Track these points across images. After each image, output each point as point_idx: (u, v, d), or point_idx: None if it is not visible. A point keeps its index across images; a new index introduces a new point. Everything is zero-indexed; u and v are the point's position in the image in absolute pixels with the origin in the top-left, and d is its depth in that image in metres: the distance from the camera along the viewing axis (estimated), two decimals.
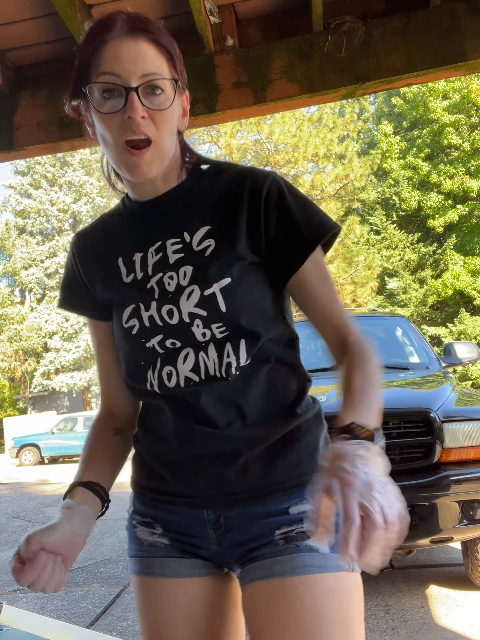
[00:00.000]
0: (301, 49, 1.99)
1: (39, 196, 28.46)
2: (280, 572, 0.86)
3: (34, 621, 1.28)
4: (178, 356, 0.93)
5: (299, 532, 0.87)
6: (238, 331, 0.91)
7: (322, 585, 0.84)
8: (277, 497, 0.90)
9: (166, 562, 0.96)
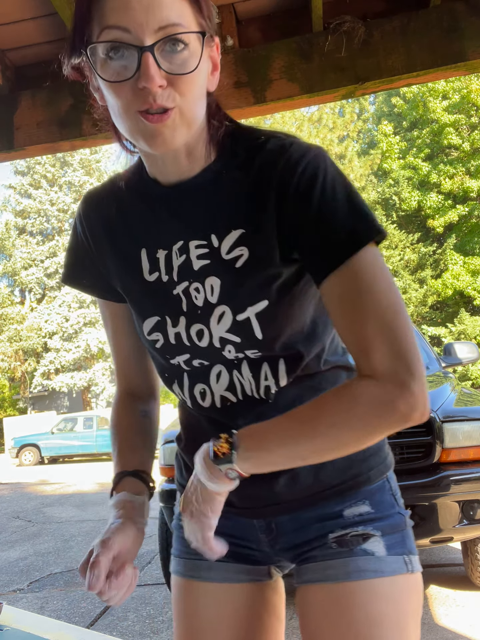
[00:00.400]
0: (301, 49, 1.99)
1: (39, 196, 28.46)
2: (334, 576, 0.82)
3: (34, 621, 1.28)
4: (209, 374, 0.84)
5: (353, 536, 0.83)
6: (276, 354, 0.81)
7: (379, 590, 0.79)
8: (329, 501, 0.85)
9: (214, 566, 0.91)
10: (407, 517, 0.87)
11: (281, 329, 0.79)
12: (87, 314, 26.77)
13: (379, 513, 0.84)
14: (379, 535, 0.82)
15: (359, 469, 0.85)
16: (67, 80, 0.95)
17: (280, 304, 0.79)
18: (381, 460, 0.87)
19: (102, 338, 26.44)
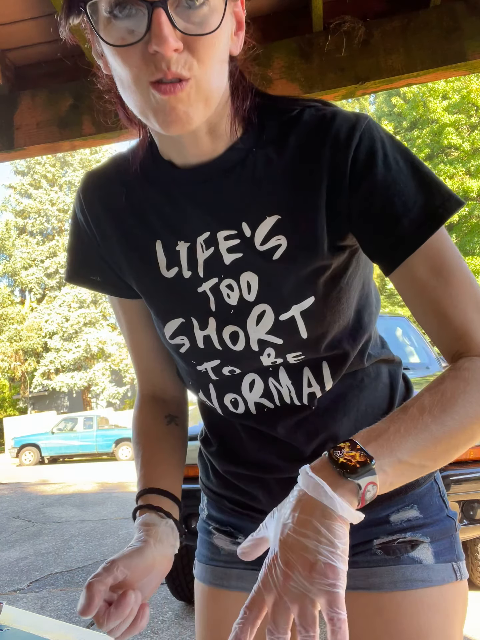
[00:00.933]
0: (301, 49, 1.99)
1: (39, 196, 28.47)
2: (378, 585, 0.76)
3: (34, 621, 1.28)
4: (241, 383, 0.76)
5: (401, 542, 0.77)
6: (319, 356, 0.74)
7: (427, 601, 0.74)
8: (375, 507, 0.77)
9: (246, 575, 0.83)
10: (456, 520, 0.81)
11: (328, 326, 0.71)
12: (87, 314, 26.76)
13: (428, 518, 0.78)
14: (428, 542, 0.77)
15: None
16: (67, 80, 0.93)
17: (328, 299, 0.70)
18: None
19: (102, 338, 26.46)
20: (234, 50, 0.66)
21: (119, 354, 27.14)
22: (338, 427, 0.77)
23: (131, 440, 0.89)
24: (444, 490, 0.83)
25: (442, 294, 0.64)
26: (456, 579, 0.77)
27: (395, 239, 0.64)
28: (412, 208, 0.63)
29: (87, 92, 2.11)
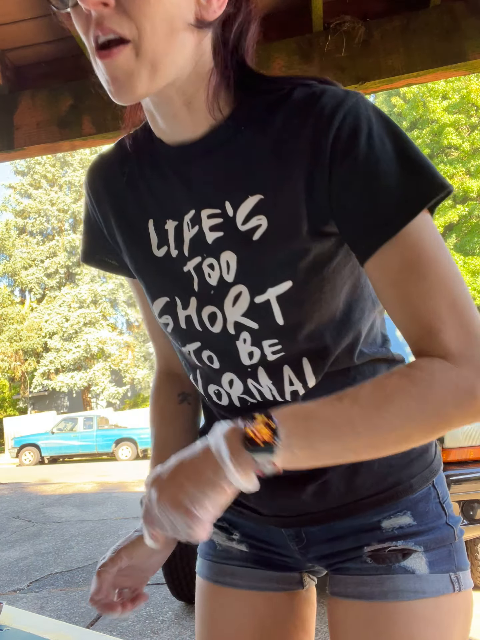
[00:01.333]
0: (301, 49, 1.99)
1: (39, 196, 28.48)
2: (368, 594, 0.73)
3: (34, 621, 1.28)
4: (221, 378, 0.75)
5: (392, 551, 0.73)
6: (299, 348, 0.70)
7: (420, 613, 0.70)
8: (365, 512, 0.75)
9: (240, 572, 0.84)
10: (457, 528, 0.76)
11: (307, 315, 0.68)
12: (87, 314, 26.77)
13: (423, 525, 0.74)
14: (421, 551, 0.72)
15: (399, 477, 0.74)
16: (67, 80, 0.94)
17: (308, 286, 0.67)
18: (426, 465, 0.77)
19: (102, 338, 26.47)
20: (205, 15, 0.60)
21: (119, 354, 27.15)
22: None
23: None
24: (445, 495, 0.78)
25: (413, 288, 0.59)
26: (454, 591, 0.72)
27: (371, 224, 0.60)
28: (392, 192, 0.59)
29: (87, 92, 2.11)
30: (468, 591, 0.74)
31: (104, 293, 27.51)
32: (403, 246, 0.59)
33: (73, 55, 2.16)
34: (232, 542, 0.85)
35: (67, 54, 2.16)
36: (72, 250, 28.28)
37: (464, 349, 0.57)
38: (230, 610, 0.83)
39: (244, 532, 0.83)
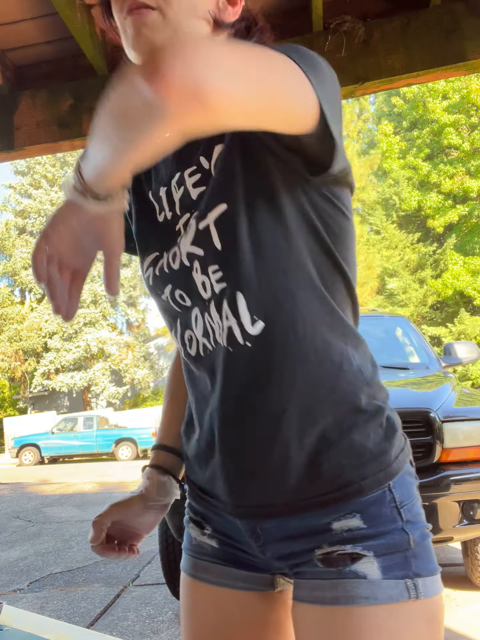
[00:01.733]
0: None
1: (39, 196, 28.48)
2: (320, 599, 0.71)
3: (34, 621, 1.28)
4: (191, 318, 0.78)
5: (340, 555, 0.71)
6: (238, 279, 0.71)
7: (373, 620, 0.67)
8: (314, 511, 0.73)
9: (211, 568, 0.85)
10: (414, 534, 0.72)
11: (244, 240, 0.70)
12: (87, 314, 26.77)
13: (373, 529, 0.71)
14: (371, 556, 0.70)
15: (350, 478, 0.72)
16: (67, 80, 0.96)
17: (246, 208, 0.70)
18: (382, 467, 0.73)
19: (102, 338, 26.47)
20: (222, 16, 0.76)
21: (119, 354, 27.15)
22: (266, 399, 0.72)
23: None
24: (404, 498, 0.74)
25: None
26: (410, 598, 0.68)
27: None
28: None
29: (87, 92, 2.11)
30: (431, 599, 0.70)
31: (104, 293, 27.49)
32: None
33: (73, 55, 2.16)
34: (205, 537, 0.86)
35: (67, 54, 2.16)
36: None
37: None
38: (203, 605, 0.86)
39: (214, 528, 0.84)
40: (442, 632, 0.72)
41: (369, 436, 0.73)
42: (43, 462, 18.03)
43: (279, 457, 0.73)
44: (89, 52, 1.98)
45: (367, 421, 0.74)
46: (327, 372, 0.73)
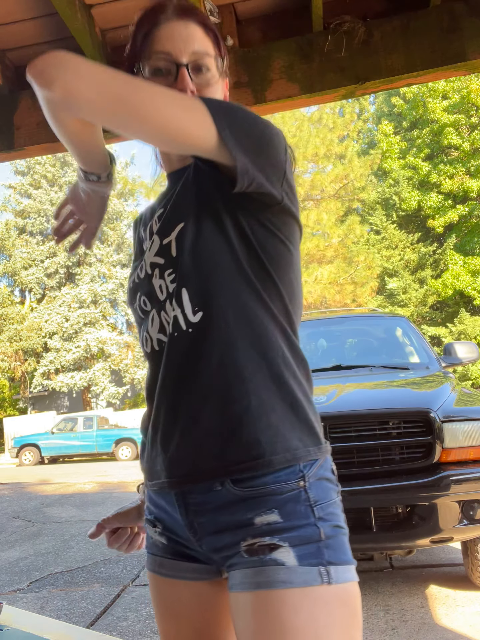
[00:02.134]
0: (301, 49, 1.99)
1: (39, 196, 28.47)
2: (246, 585, 0.81)
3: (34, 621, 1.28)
4: (148, 319, 0.94)
5: (261, 545, 0.81)
6: (184, 277, 0.88)
7: (289, 601, 0.78)
8: (238, 506, 0.84)
9: (164, 563, 0.96)
10: (327, 529, 0.82)
11: (192, 247, 0.88)
12: (87, 314, 26.77)
13: (288, 523, 0.81)
14: (287, 546, 0.80)
15: (263, 452, 0.82)
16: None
17: (196, 224, 0.88)
18: (291, 450, 0.83)
19: (102, 338, 26.47)
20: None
21: (119, 354, 27.15)
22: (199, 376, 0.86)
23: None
24: (319, 498, 0.84)
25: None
26: (322, 582, 0.78)
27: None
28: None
29: None
30: (344, 585, 0.80)
31: (104, 293, 27.49)
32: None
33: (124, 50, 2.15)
34: (157, 535, 0.97)
35: None
36: None
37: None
38: (164, 596, 0.97)
39: (164, 526, 0.95)
40: (359, 617, 0.82)
41: (284, 421, 0.84)
42: (43, 462, 18.03)
43: (206, 428, 0.85)
44: (89, 52, 1.98)
45: (285, 409, 0.85)
46: (252, 357, 0.86)
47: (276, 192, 0.87)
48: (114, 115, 0.79)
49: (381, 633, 2.84)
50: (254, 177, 0.84)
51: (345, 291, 18.18)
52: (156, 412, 0.91)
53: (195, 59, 0.93)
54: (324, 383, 3.62)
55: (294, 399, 0.86)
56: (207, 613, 0.94)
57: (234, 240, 0.88)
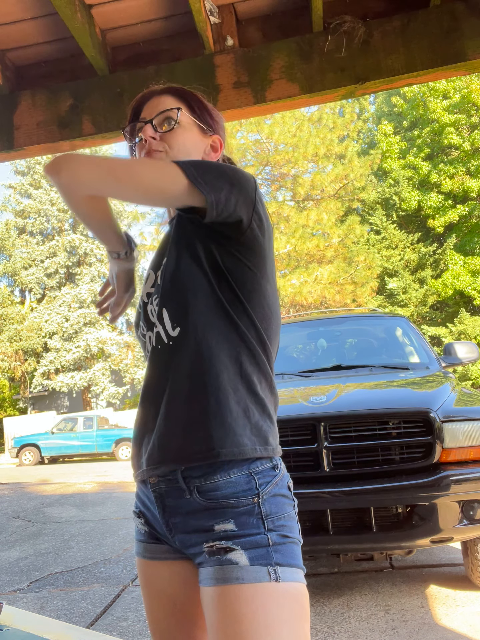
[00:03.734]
0: (301, 49, 1.99)
1: (39, 196, 28.47)
2: (209, 581, 0.97)
3: (34, 621, 1.29)
4: (146, 336, 1.13)
5: (219, 548, 0.97)
6: (164, 299, 1.06)
7: (242, 595, 0.92)
8: (202, 515, 1.00)
9: (148, 547, 1.12)
10: (274, 538, 0.97)
11: (172, 275, 1.06)
12: (87, 314, 26.77)
13: (241, 531, 0.97)
14: (239, 549, 0.95)
15: (215, 445, 0.98)
16: (67, 80, 0.98)
17: (177, 258, 1.07)
18: (239, 447, 0.99)
19: (102, 338, 26.47)
20: (207, 158, 1.19)
21: (119, 354, 27.14)
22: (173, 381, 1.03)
23: None
24: (270, 513, 0.99)
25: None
26: (271, 580, 0.93)
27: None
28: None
29: (87, 92, 2.11)
30: (293, 584, 0.95)
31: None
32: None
33: (73, 55, 2.16)
34: (140, 525, 1.13)
35: (67, 54, 2.16)
36: (72, 250, 28.27)
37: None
38: (148, 577, 1.12)
39: (145, 520, 1.11)
40: (307, 612, 0.97)
41: (237, 422, 0.99)
42: (43, 462, 18.03)
43: (173, 426, 1.02)
44: (89, 52, 1.98)
45: (240, 412, 1.00)
46: (216, 368, 1.01)
47: (244, 222, 1.02)
48: (109, 185, 0.98)
49: (381, 633, 2.84)
50: (222, 208, 1.00)
51: (345, 291, 18.17)
52: (141, 412, 1.09)
53: (158, 112, 1.14)
54: (324, 383, 3.62)
55: (246, 406, 1.01)
56: (185, 588, 1.09)
57: (207, 267, 1.04)
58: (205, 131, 1.19)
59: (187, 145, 1.15)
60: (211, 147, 1.20)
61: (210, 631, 0.95)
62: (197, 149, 1.17)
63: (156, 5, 1.96)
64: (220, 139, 1.22)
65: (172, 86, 1.20)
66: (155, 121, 1.15)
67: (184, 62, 2.08)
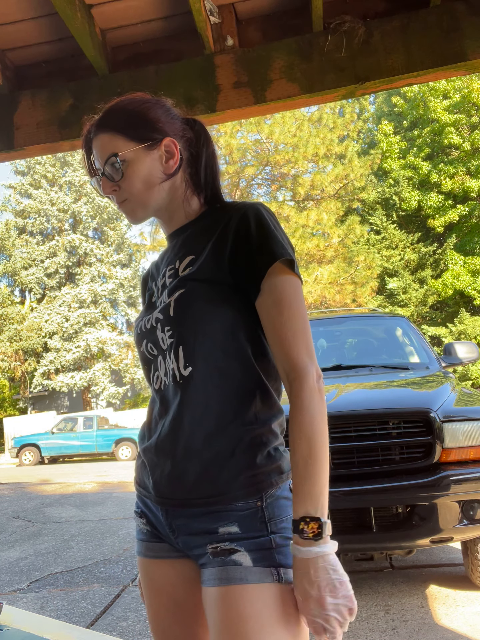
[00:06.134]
0: (301, 49, 1.99)
1: (39, 196, 28.46)
2: (212, 582, 0.98)
3: (34, 621, 1.28)
4: (157, 362, 1.11)
5: (223, 549, 0.99)
6: (180, 337, 1.05)
7: (246, 594, 0.94)
8: (207, 518, 1.01)
9: (150, 545, 1.13)
10: (278, 540, 0.99)
11: (186, 311, 1.05)
12: (87, 314, 26.76)
13: (245, 534, 0.99)
14: (243, 550, 0.97)
15: (229, 488, 1.00)
16: (67, 80, 0.97)
17: (192, 293, 1.05)
18: (256, 482, 1.00)
19: (102, 338, 26.46)
20: (168, 170, 1.13)
21: (119, 354, 27.14)
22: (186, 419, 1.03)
23: None
24: (274, 515, 1.00)
25: (279, 323, 1.00)
26: (274, 581, 0.95)
27: (246, 272, 1.03)
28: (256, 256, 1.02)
29: (87, 92, 2.11)
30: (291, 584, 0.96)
31: (104, 293, 27.49)
32: (270, 289, 1.01)
33: (73, 55, 2.16)
34: (143, 525, 1.15)
35: (67, 54, 2.16)
36: (72, 250, 28.26)
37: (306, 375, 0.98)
38: (150, 576, 1.13)
39: (147, 520, 1.13)
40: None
41: (252, 462, 1.00)
42: (43, 462, 18.03)
43: (184, 464, 1.02)
44: (89, 52, 1.98)
45: (254, 451, 1.01)
46: (227, 411, 1.02)
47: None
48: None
49: (381, 633, 2.84)
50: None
51: (345, 291, 18.16)
52: (151, 440, 1.09)
53: (105, 161, 1.10)
54: (324, 383, 3.62)
55: (262, 444, 1.02)
56: (187, 586, 1.10)
57: (228, 317, 1.04)
58: (151, 146, 1.11)
59: (142, 175, 1.11)
60: (165, 153, 1.13)
61: (213, 631, 0.97)
62: (152, 169, 1.12)
63: (156, 5, 1.96)
64: (171, 139, 1.13)
65: (103, 117, 1.12)
66: (106, 172, 1.11)
67: (184, 62, 2.08)
